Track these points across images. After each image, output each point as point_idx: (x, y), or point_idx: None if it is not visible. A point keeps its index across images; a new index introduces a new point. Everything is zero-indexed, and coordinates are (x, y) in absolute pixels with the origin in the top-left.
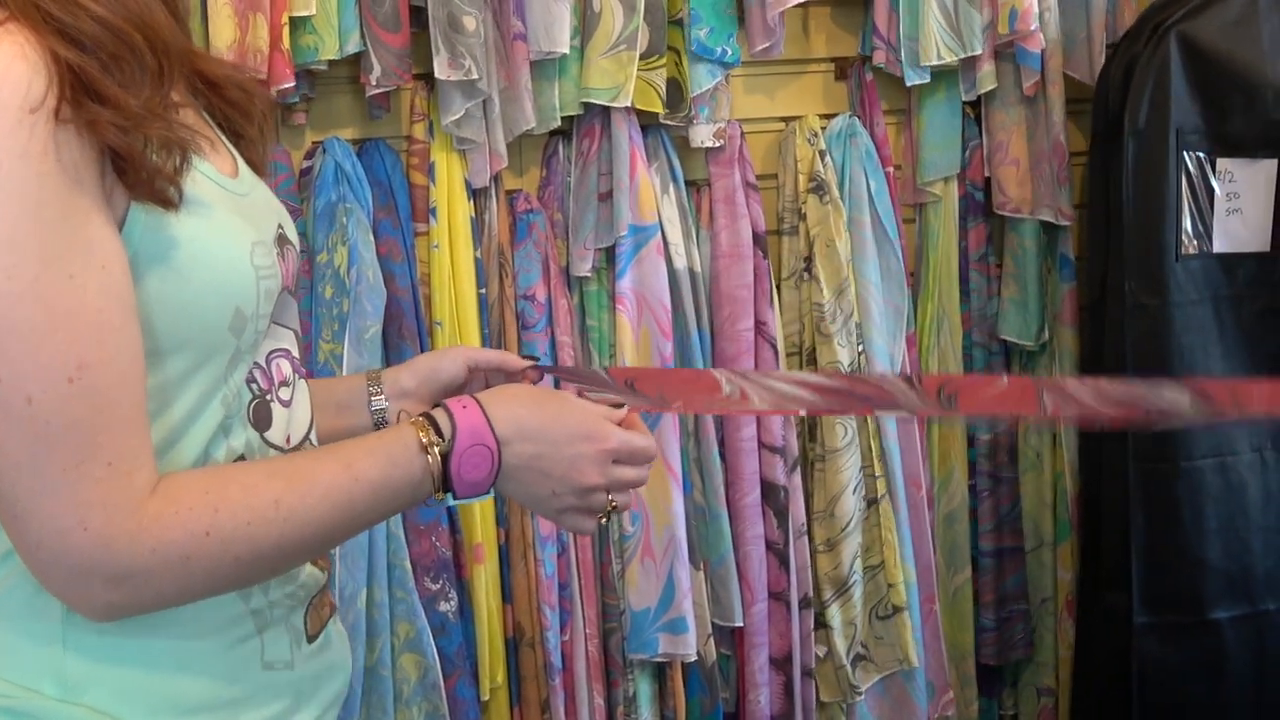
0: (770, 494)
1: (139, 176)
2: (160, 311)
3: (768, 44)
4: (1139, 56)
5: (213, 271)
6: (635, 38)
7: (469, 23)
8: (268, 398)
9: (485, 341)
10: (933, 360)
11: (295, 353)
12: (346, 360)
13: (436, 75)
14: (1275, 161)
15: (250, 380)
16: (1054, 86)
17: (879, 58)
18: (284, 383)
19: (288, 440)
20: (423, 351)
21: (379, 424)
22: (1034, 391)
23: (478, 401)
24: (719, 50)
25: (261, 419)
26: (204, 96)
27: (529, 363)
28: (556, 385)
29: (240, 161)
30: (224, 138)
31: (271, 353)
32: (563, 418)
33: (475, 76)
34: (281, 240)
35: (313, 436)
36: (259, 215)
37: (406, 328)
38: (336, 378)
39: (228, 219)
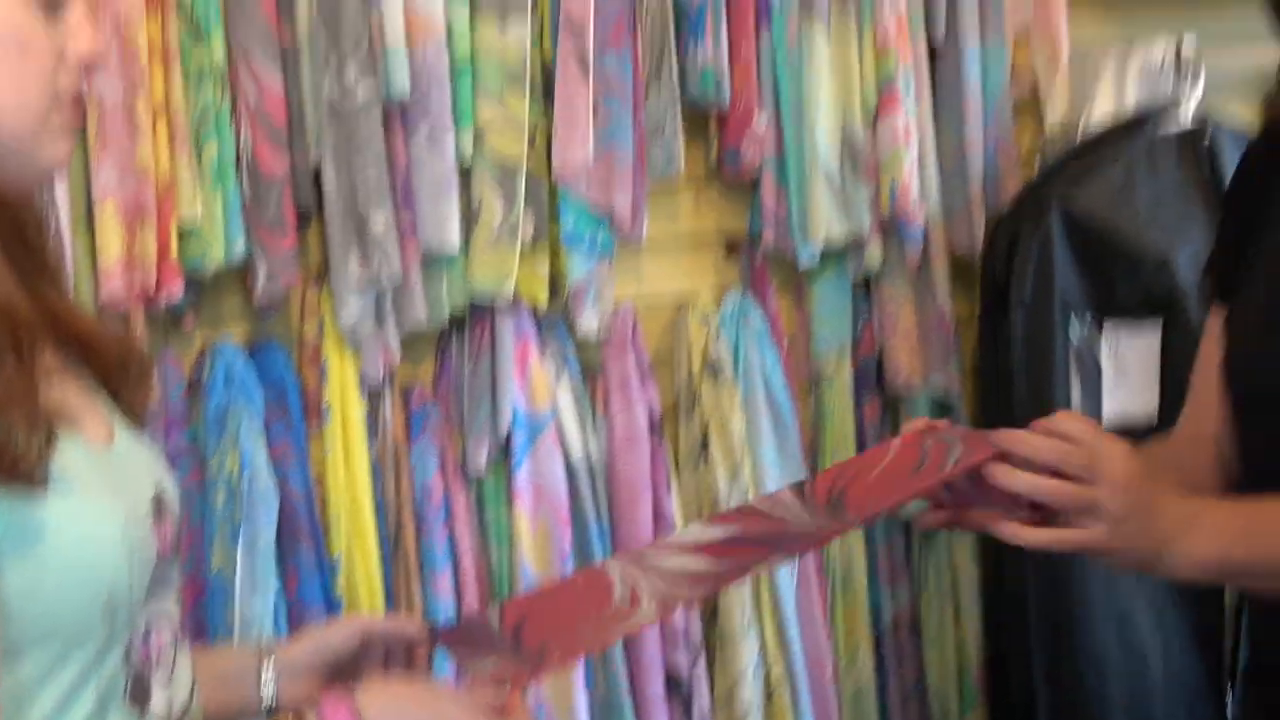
0: (674, 684)
1: (1, 462)
2: (23, 602)
3: (629, 231)
4: (1022, 229)
5: (81, 556)
6: (516, 229)
7: (378, 223)
8: (145, 672)
9: (384, 544)
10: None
11: (176, 616)
12: (240, 569)
13: (349, 276)
14: (1159, 330)
15: (126, 658)
16: (937, 260)
17: (768, 237)
18: (163, 652)
19: (169, 711)
20: (318, 554)
21: (269, 705)
22: (918, 448)
23: (353, 702)
24: (587, 238)
25: (139, 696)
26: (77, 354)
27: (425, 628)
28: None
29: (116, 423)
30: (98, 396)
31: (150, 622)
32: None
33: (386, 273)
34: (159, 504)
35: (195, 702)
36: (134, 484)
37: (302, 531)
38: (224, 649)
39: (98, 497)
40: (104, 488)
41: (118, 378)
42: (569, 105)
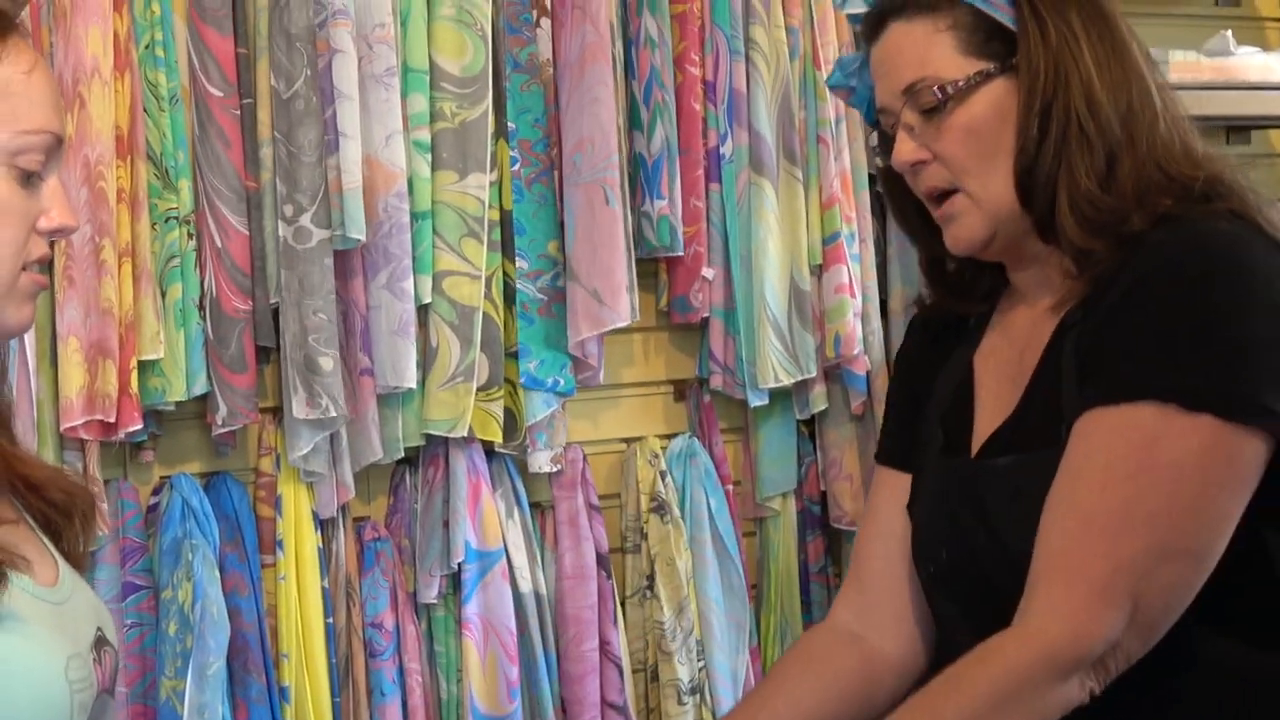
0: None
1: None
2: None
3: (586, 374)
4: None
5: (26, 688)
6: (472, 370)
7: (326, 363)
8: None
9: (333, 673)
10: None
11: None
12: (188, 697)
13: (295, 415)
14: None
15: None
16: (880, 406)
17: (716, 381)
18: None
19: None
20: (268, 684)
21: None
22: None
23: None
24: (550, 381)
25: None
26: (24, 497)
27: None
28: None
29: (61, 564)
30: (44, 538)
31: None
32: None
33: (334, 414)
34: (99, 644)
35: None
36: (77, 623)
37: (252, 661)
38: None
39: (44, 634)
40: (50, 627)
41: (63, 523)
42: (613, 247)
